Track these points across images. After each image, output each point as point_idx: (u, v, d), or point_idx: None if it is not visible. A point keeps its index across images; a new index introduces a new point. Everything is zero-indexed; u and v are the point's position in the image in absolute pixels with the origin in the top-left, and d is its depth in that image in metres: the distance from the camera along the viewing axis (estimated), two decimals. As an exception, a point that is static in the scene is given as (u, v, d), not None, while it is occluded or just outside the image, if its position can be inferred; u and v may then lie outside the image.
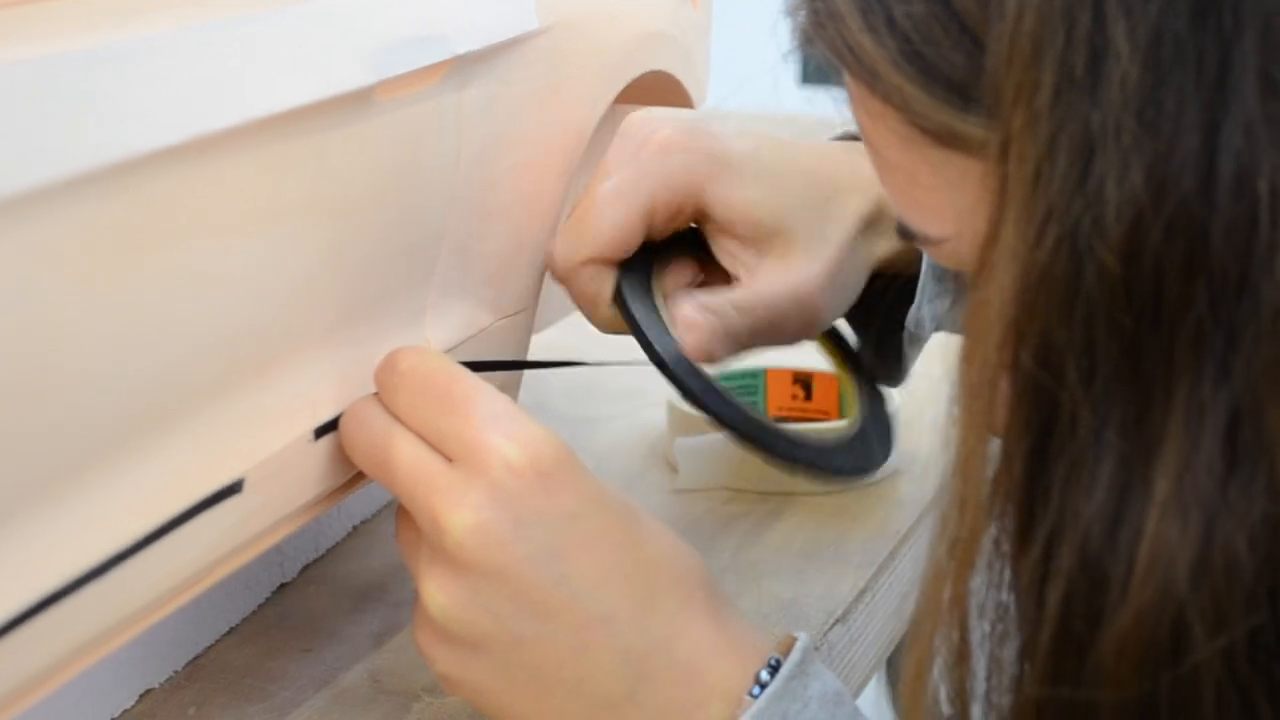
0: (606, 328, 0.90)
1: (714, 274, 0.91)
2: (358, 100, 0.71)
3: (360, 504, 1.00)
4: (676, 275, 0.90)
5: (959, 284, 0.81)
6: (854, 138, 0.93)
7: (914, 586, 0.66)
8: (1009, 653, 0.63)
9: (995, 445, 0.63)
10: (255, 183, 0.66)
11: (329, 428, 0.74)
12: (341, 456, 0.75)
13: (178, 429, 0.66)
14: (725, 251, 0.90)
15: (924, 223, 0.67)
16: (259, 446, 0.70)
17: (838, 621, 0.92)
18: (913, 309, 0.93)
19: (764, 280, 0.89)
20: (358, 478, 0.77)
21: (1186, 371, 0.59)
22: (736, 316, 0.87)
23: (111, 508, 0.63)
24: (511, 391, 0.90)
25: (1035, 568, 0.61)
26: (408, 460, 0.73)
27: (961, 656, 0.64)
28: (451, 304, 0.82)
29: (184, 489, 0.66)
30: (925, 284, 0.92)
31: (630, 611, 0.72)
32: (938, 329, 0.95)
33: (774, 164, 0.90)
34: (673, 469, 1.08)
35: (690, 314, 0.87)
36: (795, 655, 0.72)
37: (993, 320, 0.61)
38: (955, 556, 0.63)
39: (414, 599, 0.74)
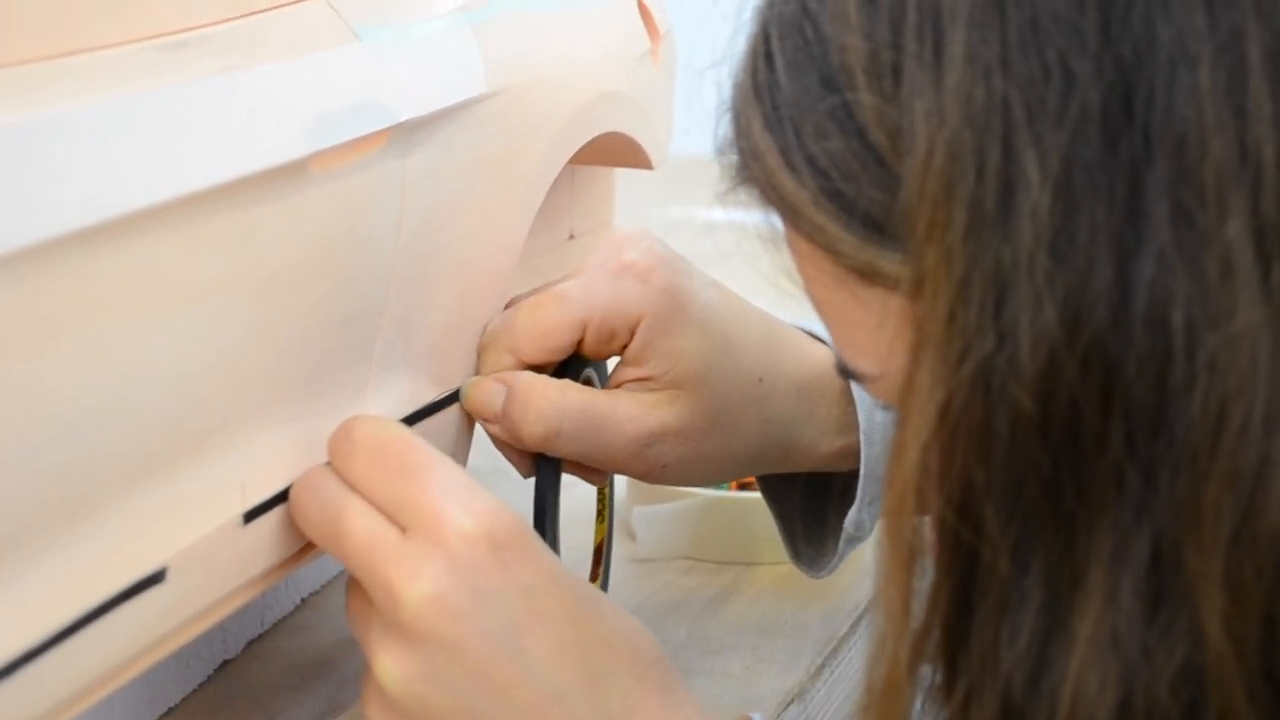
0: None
1: None
2: (290, 173, 0.69)
3: (309, 576, 0.98)
4: None
5: None
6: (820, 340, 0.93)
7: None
8: None
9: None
10: (176, 263, 0.64)
11: (260, 511, 0.72)
12: (273, 540, 0.73)
13: (95, 517, 0.63)
14: (620, 376, 0.87)
15: (858, 360, 0.66)
16: (183, 533, 0.67)
17: (793, 701, 0.90)
18: (852, 510, 0.91)
19: (621, 396, 0.86)
20: (291, 560, 0.75)
21: (1105, 513, 0.58)
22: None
23: (23, 601, 0.60)
24: (461, 456, 0.88)
25: (958, 716, 0.60)
26: (362, 530, 0.71)
27: None
28: (393, 378, 0.80)
29: (102, 580, 0.64)
30: (864, 486, 0.90)
31: (584, 688, 0.71)
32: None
33: (723, 326, 0.88)
34: (632, 537, 1.06)
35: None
36: None
37: (911, 462, 0.59)
38: (882, 697, 0.62)
39: (364, 672, 0.73)
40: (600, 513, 0.92)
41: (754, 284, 0.82)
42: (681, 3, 1.00)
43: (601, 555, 0.92)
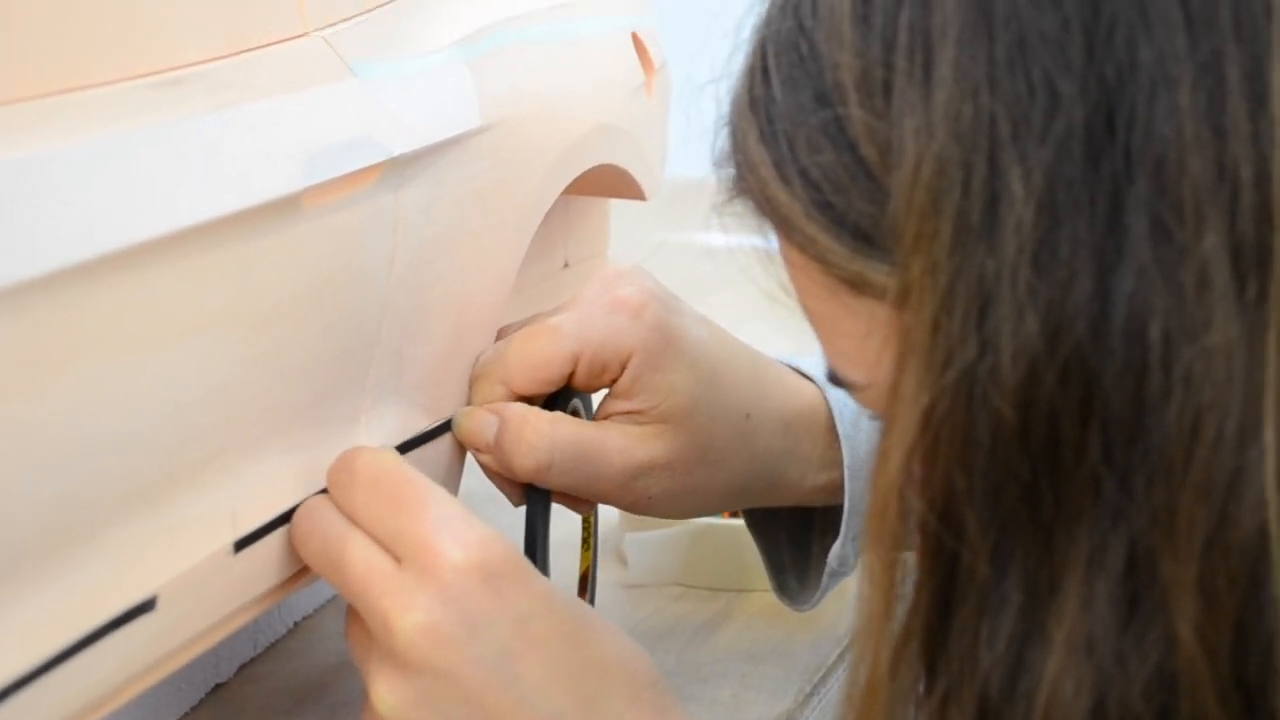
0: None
1: None
2: (283, 208, 0.70)
3: (302, 600, 0.99)
4: None
5: None
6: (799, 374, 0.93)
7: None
8: None
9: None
10: (171, 297, 0.65)
11: (250, 540, 0.73)
12: (264, 568, 0.74)
13: (88, 546, 0.64)
14: (609, 408, 0.88)
15: (847, 369, 0.67)
16: (174, 562, 0.68)
17: (781, 729, 0.91)
18: (836, 545, 0.92)
19: (611, 429, 0.87)
20: (281, 588, 0.76)
21: (1083, 520, 0.59)
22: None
23: (15, 628, 0.61)
24: (452, 484, 0.89)
25: (936, 717, 0.61)
26: (359, 562, 0.73)
27: None
28: (387, 408, 0.81)
29: (92, 608, 0.65)
30: (848, 521, 0.91)
31: (579, 712, 0.72)
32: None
33: (712, 363, 0.89)
34: (623, 563, 1.07)
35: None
36: None
37: (895, 467, 0.61)
38: (864, 696, 0.63)
39: (363, 700, 0.74)
40: (585, 541, 0.93)
41: (752, 304, 0.82)
42: (682, 22, 1.01)
43: (587, 583, 0.93)
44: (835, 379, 0.69)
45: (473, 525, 0.73)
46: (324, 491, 0.77)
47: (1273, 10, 0.57)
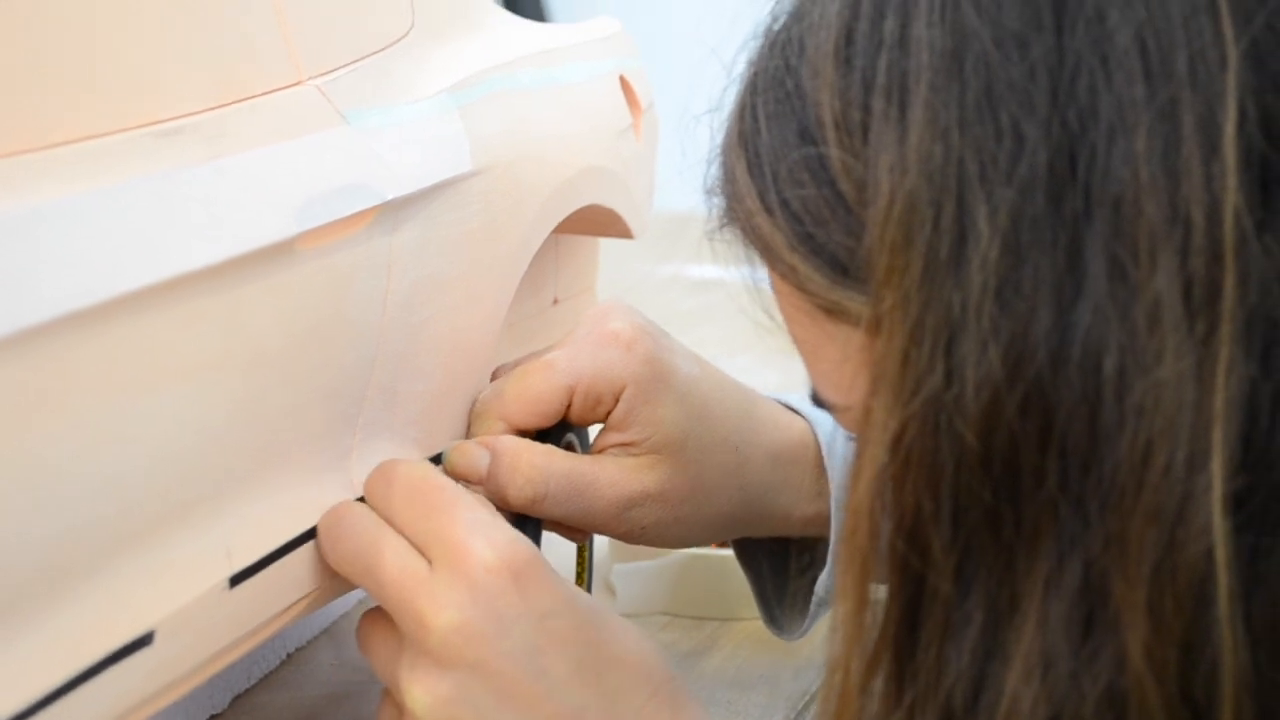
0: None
1: None
2: (277, 253, 0.72)
3: (295, 632, 1.00)
4: None
5: None
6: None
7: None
8: None
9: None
10: (169, 342, 0.67)
11: (246, 575, 0.75)
12: (259, 602, 0.75)
13: (85, 583, 0.66)
14: (604, 441, 0.90)
15: (827, 391, 0.70)
16: (170, 597, 0.70)
17: (765, 757, 0.92)
18: (824, 575, 0.95)
19: (604, 461, 0.89)
20: (274, 621, 0.77)
21: (1041, 543, 0.61)
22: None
23: (14, 664, 0.63)
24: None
25: None
26: (394, 567, 0.76)
27: None
28: (378, 444, 0.83)
29: (91, 643, 0.66)
30: (835, 552, 0.93)
31: (602, 705, 0.75)
32: None
33: (703, 397, 0.91)
34: (612, 593, 1.09)
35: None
36: None
37: (867, 486, 0.63)
38: (837, 708, 0.66)
39: (381, 702, 0.78)
40: (580, 575, 0.95)
41: (740, 337, 0.83)
42: (679, 58, 1.02)
43: None
44: (817, 400, 0.72)
45: (501, 527, 0.77)
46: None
47: (1227, 61, 0.60)
